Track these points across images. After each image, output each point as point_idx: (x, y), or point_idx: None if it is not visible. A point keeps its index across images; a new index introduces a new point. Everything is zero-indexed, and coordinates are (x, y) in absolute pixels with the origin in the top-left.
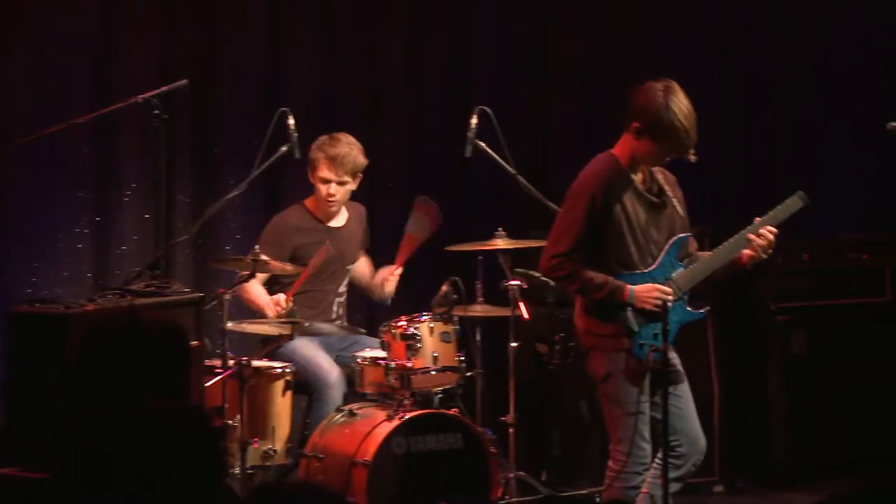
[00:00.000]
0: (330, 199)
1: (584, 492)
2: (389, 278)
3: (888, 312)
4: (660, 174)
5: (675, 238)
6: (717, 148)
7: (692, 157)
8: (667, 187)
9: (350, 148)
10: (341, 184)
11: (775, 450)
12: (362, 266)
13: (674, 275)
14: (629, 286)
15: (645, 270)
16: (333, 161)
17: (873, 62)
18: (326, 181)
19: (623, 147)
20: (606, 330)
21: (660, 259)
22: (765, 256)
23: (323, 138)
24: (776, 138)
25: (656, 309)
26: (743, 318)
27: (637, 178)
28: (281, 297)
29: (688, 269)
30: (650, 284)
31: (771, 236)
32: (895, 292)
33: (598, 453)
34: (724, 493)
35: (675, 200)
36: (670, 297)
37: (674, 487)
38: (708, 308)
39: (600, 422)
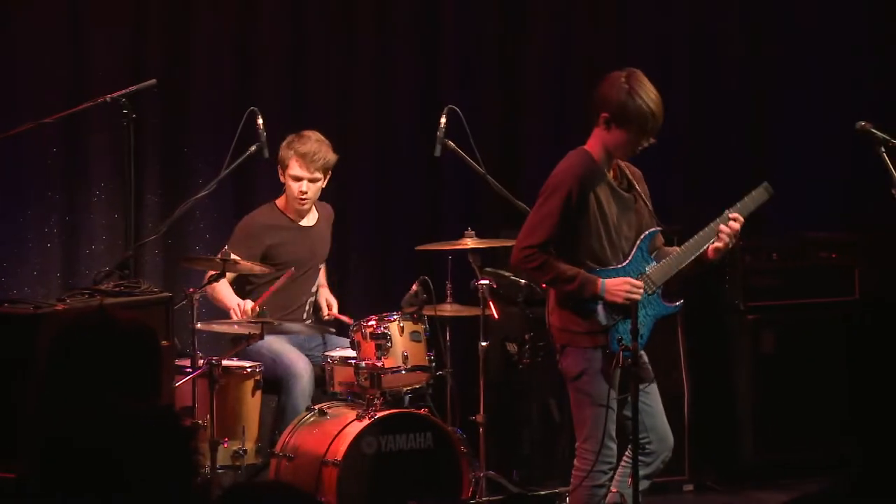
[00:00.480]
0: (302, 196)
1: (554, 491)
2: (328, 315)
3: (857, 311)
4: (627, 169)
5: (645, 233)
6: (686, 146)
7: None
8: (634, 182)
9: (320, 145)
10: (313, 181)
11: (744, 448)
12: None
13: (647, 269)
14: (601, 279)
15: (618, 266)
16: (304, 158)
17: (841, 61)
18: (298, 179)
19: (595, 142)
20: (581, 327)
21: (632, 254)
22: (730, 246)
23: (291, 136)
24: (746, 137)
25: (626, 303)
26: (712, 318)
27: (609, 173)
28: (249, 304)
29: (661, 263)
30: (622, 278)
31: (737, 225)
32: (864, 291)
33: (568, 452)
34: (694, 491)
35: (643, 195)
36: (640, 292)
37: (644, 485)
38: (682, 301)
39: (570, 421)
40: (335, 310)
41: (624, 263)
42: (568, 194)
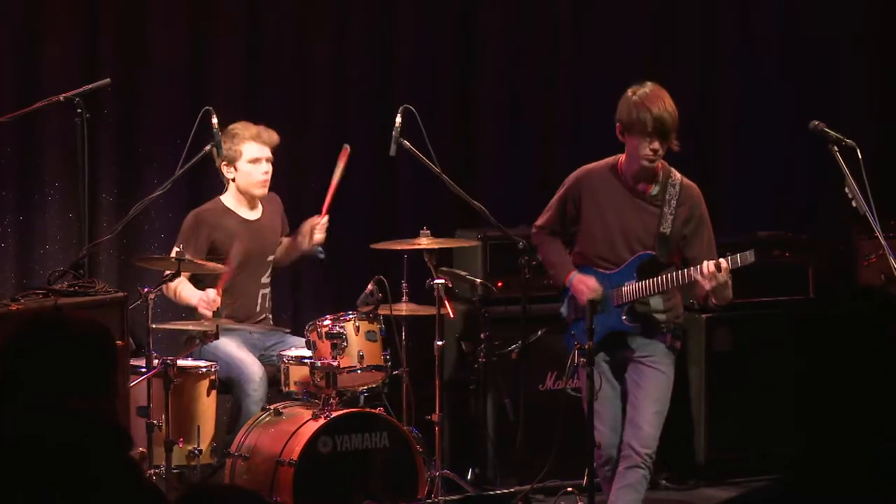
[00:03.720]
0: (266, 178)
1: (510, 490)
2: (317, 227)
3: (811, 310)
4: (680, 188)
5: (640, 252)
6: None
7: (674, 146)
8: (676, 200)
9: (259, 127)
10: (268, 161)
11: (698, 447)
12: (284, 244)
13: (624, 285)
14: (574, 272)
15: (606, 272)
16: (258, 138)
17: (793, 60)
18: (258, 160)
19: (625, 153)
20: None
21: (622, 266)
22: (715, 287)
23: (232, 127)
24: (699, 138)
25: (581, 302)
26: None
27: (638, 183)
28: (211, 292)
29: (637, 284)
30: (587, 276)
31: (711, 268)
32: (818, 290)
33: (524, 451)
34: (648, 489)
35: (670, 215)
36: (593, 295)
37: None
38: (638, 325)
39: (525, 420)
40: (323, 216)
41: (612, 271)
42: (566, 191)
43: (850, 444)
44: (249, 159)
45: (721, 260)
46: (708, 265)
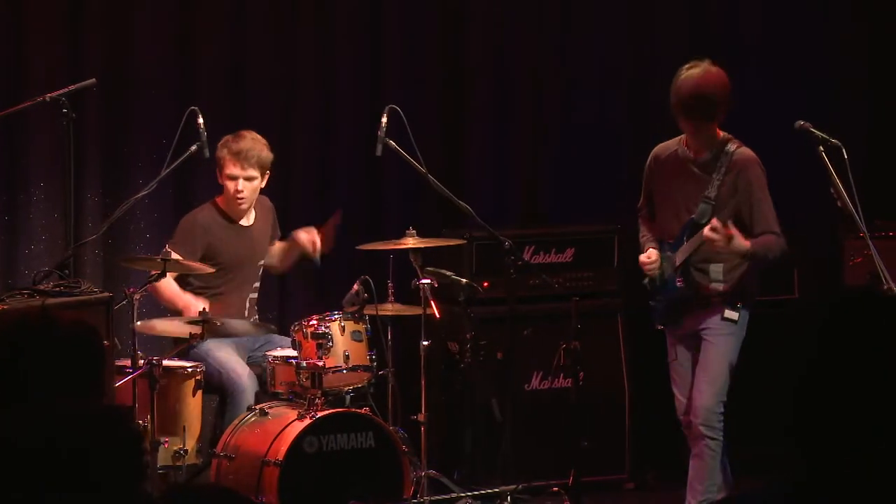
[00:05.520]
0: (239, 196)
1: (495, 490)
2: (317, 241)
3: (797, 310)
4: (731, 158)
5: (686, 219)
6: (626, 147)
7: (714, 124)
8: (725, 169)
9: (254, 143)
10: (248, 179)
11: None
12: (278, 248)
13: (676, 252)
14: (650, 248)
15: (671, 242)
16: (238, 156)
17: (781, 62)
18: (233, 178)
19: None
20: None
21: (677, 235)
22: (721, 244)
23: (227, 137)
24: None
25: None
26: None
27: (697, 154)
28: (200, 305)
29: (682, 248)
30: (651, 252)
31: (715, 233)
32: (803, 290)
33: (510, 451)
34: (635, 489)
35: (717, 181)
36: (649, 266)
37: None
38: (684, 287)
39: (511, 420)
40: (317, 239)
41: (672, 241)
42: (645, 170)
43: (847, 444)
44: (227, 174)
45: (714, 220)
46: (706, 227)
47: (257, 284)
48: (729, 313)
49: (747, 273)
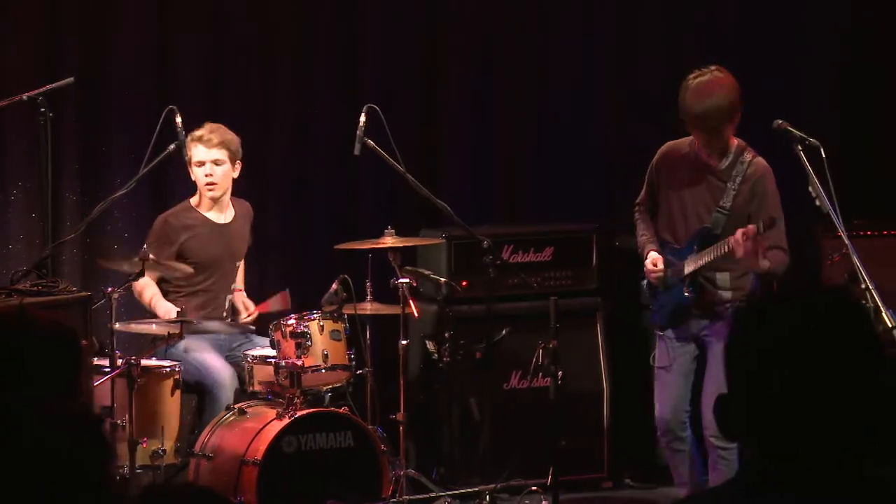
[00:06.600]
0: (209, 181)
1: (474, 489)
2: (247, 316)
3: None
4: (748, 164)
5: (700, 227)
6: (609, 147)
7: (727, 133)
8: (742, 177)
9: (217, 127)
10: (216, 163)
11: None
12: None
13: (686, 260)
14: (651, 251)
15: (677, 247)
16: (201, 140)
17: (755, 58)
18: (201, 163)
19: None
20: None
21: (687, 241)
22: (746, 253)
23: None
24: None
25: (653, 280)
26: (631, 317)
27: (711, 160)
28: (173, 312)
29: (692, 257)
30: (656, 256)
31: (740, 236)
32: (780, 289)
33: (488, 450)
34: (613, 488)
35: (733, 191)
36: (655, 273)
37: None
38: (693, 296)
39: (490, 419)
40: (253, 310)
41: (682, 246)
42: (650, 167)
43: (835, 443)
44: (195, 162)
45: (751, 226)
46: (739, 231)
47: (234, 285)
48: None
49: (755, 282)
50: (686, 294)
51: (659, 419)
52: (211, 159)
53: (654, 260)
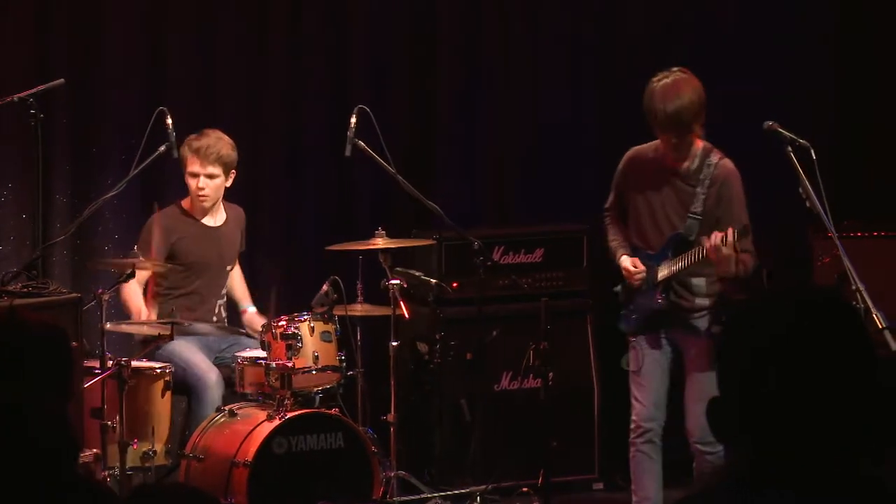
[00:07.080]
0: (200, 193)
1: (464, 490)
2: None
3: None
4: (715, 168)
5: (673, 233)
6: (598, 146)
7: (695, 133)
8: (709, 180)
9: (216, 141)
10: (210, 177)
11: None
12: (235, 276)
13: (659, 264)
14: (624, 254)
15: (650, 252)
16: (198, 153)
17: (749, 61)
18: (195, 175)
19: None
20: None
21: (661, 247)
22: (719, 258)
23: (191, 135)
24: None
25: (631, 283)
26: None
27: (678, 164)
28: (144, 314)
29: (669, 262)
30: (632, 259)
31: (716, 240)
32: (773, 290)
33: (479, 451)
34: (604, 489)
35: (703, 195)
36: (638, 275)
37: None
38: (667, 302)
39: (480, 420)
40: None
41: (654, 251)
42: (617, 172)
43: (831, 443)
44: (189, 171)
45: (726, 232)
46: (714, 236)
47: (226, 289)
48: (716, 329)
49: (728, 286)
50: (659, 300)
51: (635, 421)
52: (205, 173)
53: (633, 262)
